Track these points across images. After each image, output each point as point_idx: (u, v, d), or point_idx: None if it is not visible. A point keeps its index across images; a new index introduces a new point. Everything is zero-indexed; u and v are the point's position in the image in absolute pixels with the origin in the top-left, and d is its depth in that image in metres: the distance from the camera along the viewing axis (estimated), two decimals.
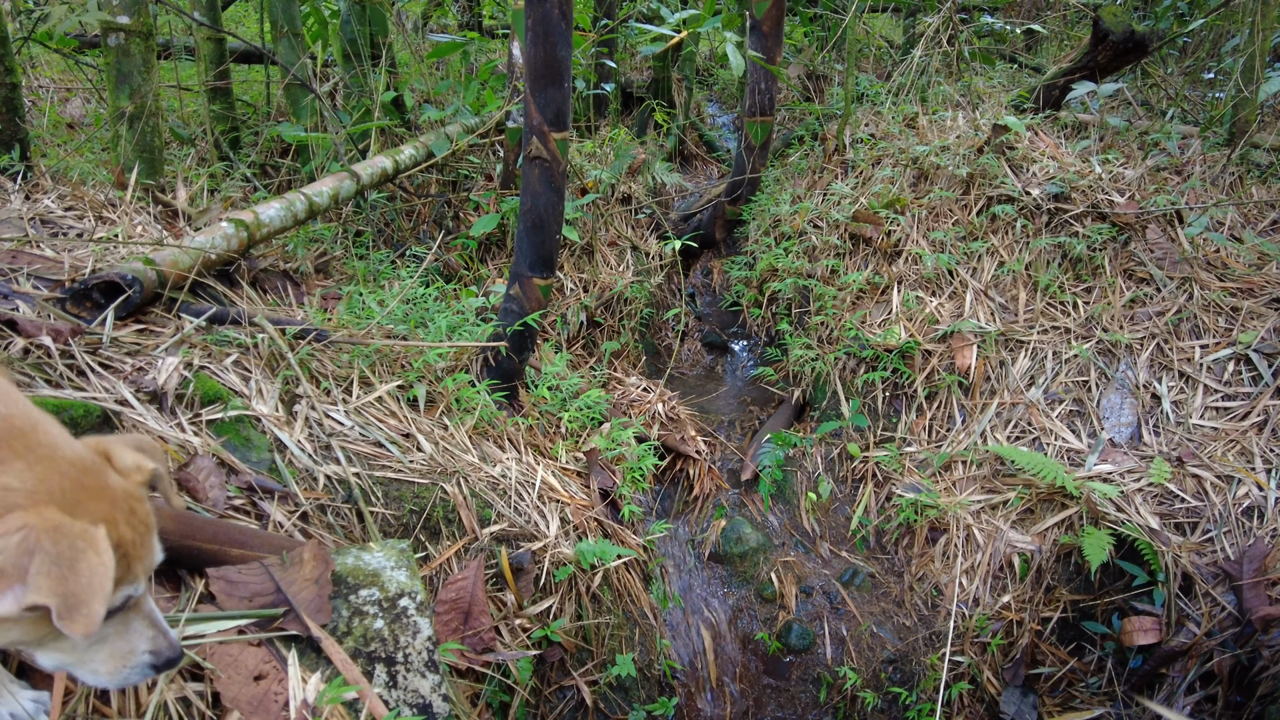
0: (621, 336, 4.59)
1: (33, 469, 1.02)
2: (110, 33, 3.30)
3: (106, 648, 1.10)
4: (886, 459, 3.58)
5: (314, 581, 1.72)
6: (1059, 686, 2.91)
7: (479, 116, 4.74)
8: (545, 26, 2.74)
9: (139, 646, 1.13)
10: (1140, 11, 6.03)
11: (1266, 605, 2.51)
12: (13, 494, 0.98)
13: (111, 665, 1.11)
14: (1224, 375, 3.31)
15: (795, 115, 6.95)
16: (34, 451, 1.03)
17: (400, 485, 2.42)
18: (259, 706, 1.49)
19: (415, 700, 1.64)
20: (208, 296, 2.87)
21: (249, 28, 7.62)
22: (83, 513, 1.03)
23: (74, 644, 1.06)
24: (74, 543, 0.97)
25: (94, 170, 3.55)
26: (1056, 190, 3.99)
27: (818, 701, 3.07)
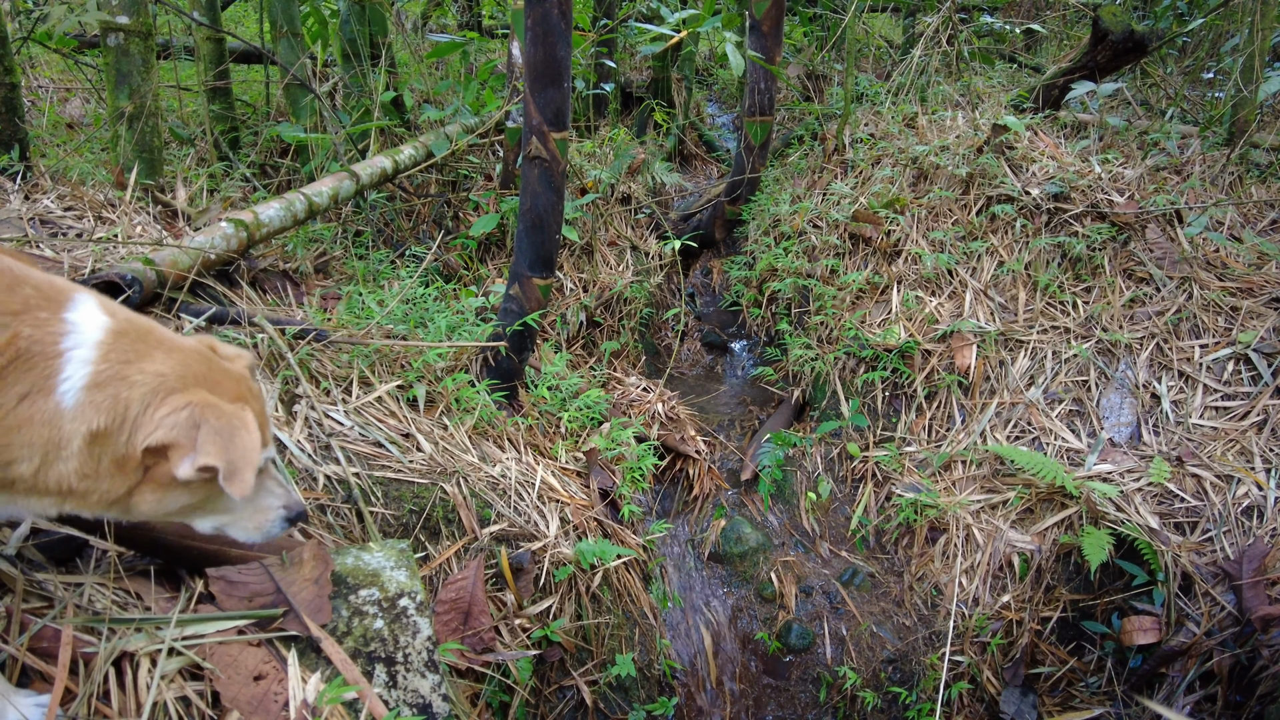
0: (621, 336, 4.59)
1: (170, 358, 1.15)
2: (109, 33, 3.30)
3: (251, 506, 1.29)
4: (886, 459, 3.58)
5: (314, 581, 1.72)
6: (1059, 686, 2.91)
7: (478, 116, 4.74)
8: (545, 26, 2.74)
9: (274, 504, 1.32)
10: (1140, 11, 6.03)
11: (1266, 605, 2.52)
12: (167, 379, 1.13)
13: (256, 521, 1.30)
14: (1223, 375, 3.31)
15: (795, 115, 6.95)
16: (163, 345, 1.17)
17: (400, 485, 2.42)
18: (259, 706, 1.49)
19: (415, 700, 1.64)
20: (207, 296, 2.87)
21: (248, 27, 7.61)
22: (221, 392, 1.18)
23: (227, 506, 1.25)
24: (230, 420, 1.13)
25: (93, 170, 3.55)
26: (1056, 190, 3.99)
27: (817, 701, 3.07)
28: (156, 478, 1.13)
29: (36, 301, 1.07)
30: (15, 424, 1.02)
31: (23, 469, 1.05)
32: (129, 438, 1.09)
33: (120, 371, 1.09)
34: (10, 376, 1.02)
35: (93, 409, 1.06)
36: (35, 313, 1.05)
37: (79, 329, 1.08)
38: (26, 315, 1.04)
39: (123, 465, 1.10)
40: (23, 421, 1.02)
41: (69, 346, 1.06)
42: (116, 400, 1.08)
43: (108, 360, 1.09)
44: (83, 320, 1.09)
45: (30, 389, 1.03)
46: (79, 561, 1.67)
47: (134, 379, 1.10)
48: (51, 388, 1.04)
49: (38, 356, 1.04)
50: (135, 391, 1.10)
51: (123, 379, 1.09)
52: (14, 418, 1.02)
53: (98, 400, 1.07)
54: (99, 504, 1.13)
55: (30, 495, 1.09)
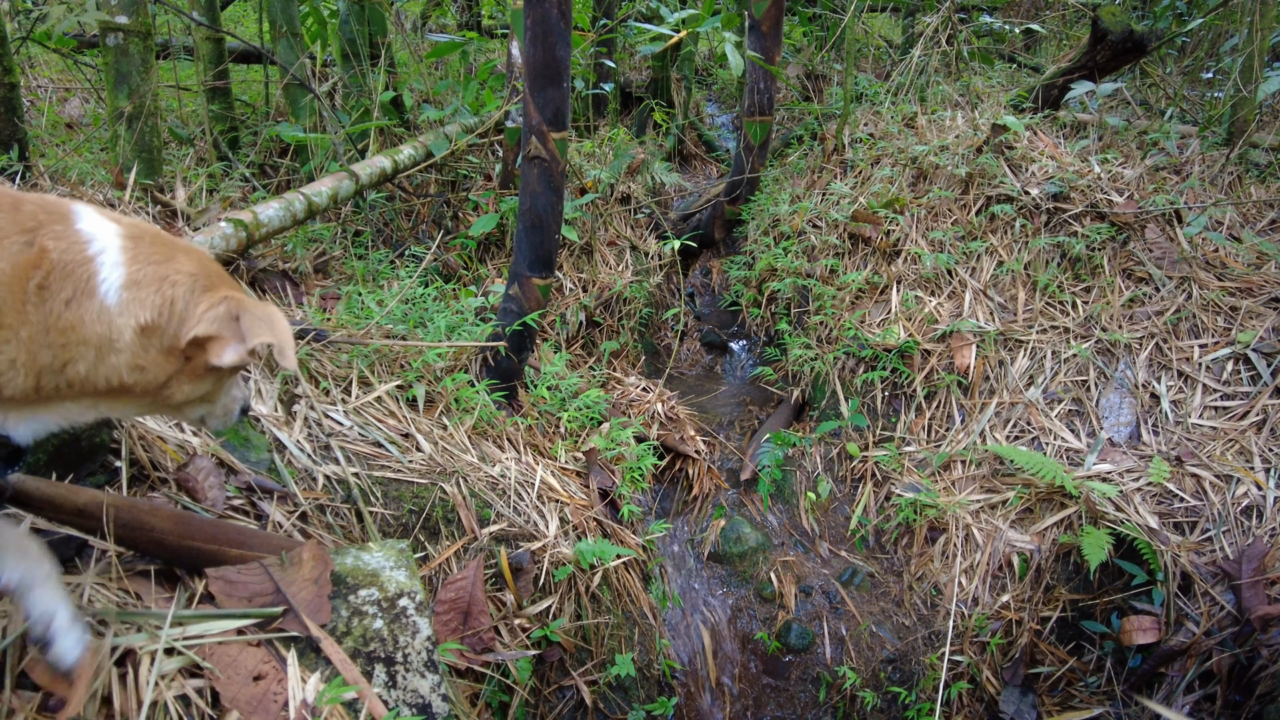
0: (620, 336, 4.59)
1: (190, 259, 1.27)
2: (109, 32, 3.29)
3: (228, 397, 1.43)
4: (886, 458, 3.58)
5: (313, 581, 1.72)
6: (1058, 686, 2.91)
7: (478, 116, 4.74)
8: (544, 26, 2.74)
9: (239, 395, 1.47)
10: (1139, 11, 6.03)
11: (1265, 604, 2.52)
12: (199, 279, 1.25)
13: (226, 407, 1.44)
14: (1223, 374, 3.31)
15: (794, 115, 6.96)
16: (178, 246, 1.28)
17: (399, 485, 2.42)
18: (258, 706, 1.49)
19: (414, 700, 1.64)
20: None
21: (248, 27, 7.61)
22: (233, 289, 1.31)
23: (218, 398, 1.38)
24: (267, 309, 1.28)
25: (93, 170, 3.54)
26: (1055, 190, 3.99)
27: (817, 701, 3.07)
28: (194, 368, 1.26)
29: (45, 218, 1.13)
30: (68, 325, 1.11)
31: (80, 368, 1.13)
32: (176, 329, 1.20)
33: (157, 271, 1.20)
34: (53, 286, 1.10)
35: (138, 305, 1.16)
36: (51, 226, 1.12)
37: (97, 236, 1.16)
38: (44, 230, 1.11)
39: (169, 354, 1.21)
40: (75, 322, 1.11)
41: (96, 252, 1.14)
42: (163, 297, 1.19)
43: (137, 261, 1.18)
44: (95, 229, 1.17)
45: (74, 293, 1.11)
46: (78, 561, 1.67)
47: (173, 278, 1.21)
48: (93, 289, 1.13)
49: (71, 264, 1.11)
50: (178, 290, 1.21)
51: (163, 278, 1.20)
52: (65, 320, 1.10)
53: (141, 297, 1.17)
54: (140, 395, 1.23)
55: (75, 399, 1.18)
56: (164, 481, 1.98)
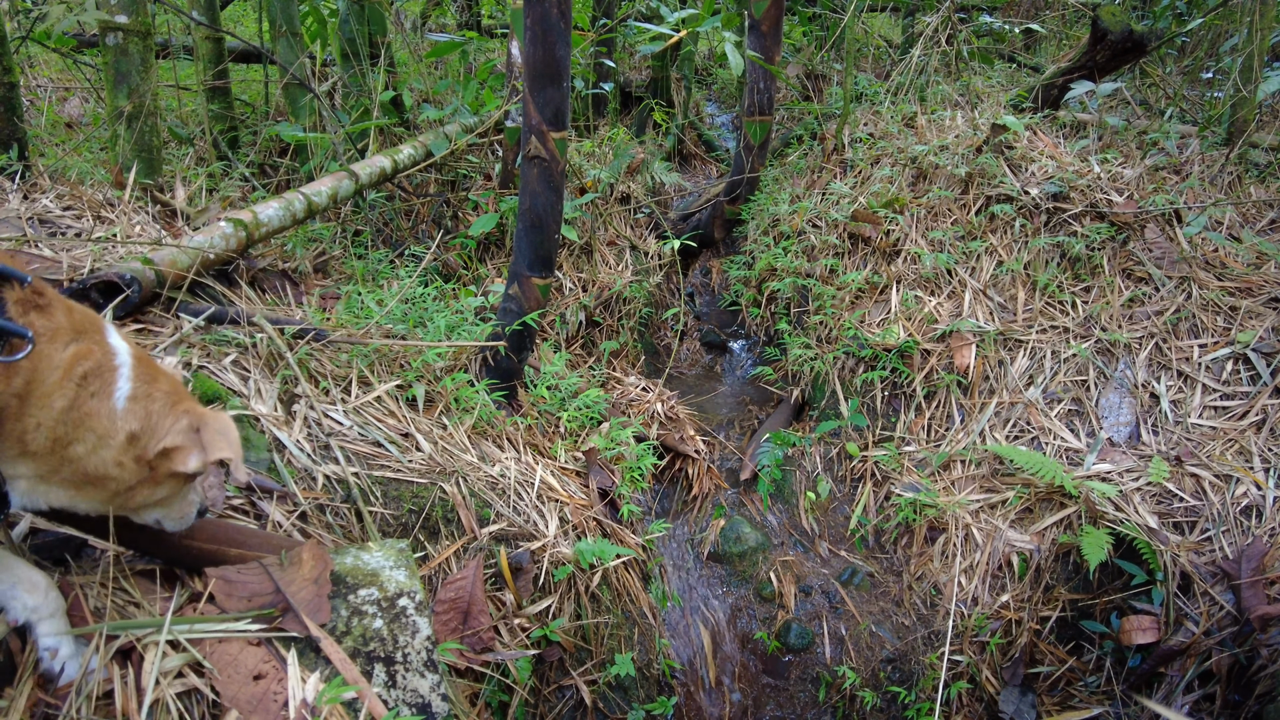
0: (620, 336, 4.59)
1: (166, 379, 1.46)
2: (108, 32, 3.29)
3: (185, 502, 1.56)
4: (885, 458, 3.58)
5: (313, 581, 1.72)
6: (1058, 685, 2.91)
7: (478, 116, 4.74)
8: (544, 26, 2.74)
9: (195, 500, 1.61)
10: (1139, 11, 6.03)
11: (1265, 604, 2.52)
12: (171, 396, 1.44)
13: (183, 512, 1.57)
14: (1222, 374, 3.31)
15: (794, 115, 6.95)
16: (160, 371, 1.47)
17: (399, 485, 2.42)
18: (258, 706, 1.49)
19: (414, 700, 1.64)
20: (206, 296, 2.87)
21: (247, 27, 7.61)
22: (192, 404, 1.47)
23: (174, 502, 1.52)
24: (224, 422, 1.46)
25: (92, 170, 3.54)
26: (1055, 190, 3.99)
27: (817, 701, 3.07)
28: (157, 475, 1.41)
29: (87, 325, 1.36)
30: (89, 412, 1.32)
31: (79, 449, 1.32)
32: (149, 440, 1.39)
33: (147, 390, 1.41)
34: (91, 378, 1.33)
35: (132, 415, 1.37)
36: (93, 334, 1.36)
37: (119, 352, 1.39)
38: (89, 334, 1.35)
39: (140, 461, 1.39)
40: (92, 413, 1.33)
41: (119, 364, 1.38)
42: (147, 412, 1.39)
43: (138, 379, 1.40)
44: (118, 345, 1.40)
45: (99, 390, 1.34)
46: (78, 561, 1.67)
47: (155, 395, 1.41)
48: (111, 393, 1.35)
49: (105, 368, 1.35)
50: (156, 405, 1.41)
51: (149, 395, 1.41)
52: (87, 408, 1.32)
53: (135, 410, 1.38)
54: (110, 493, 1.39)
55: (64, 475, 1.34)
56: None
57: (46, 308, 1.32)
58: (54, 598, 1.47)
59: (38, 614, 1.44)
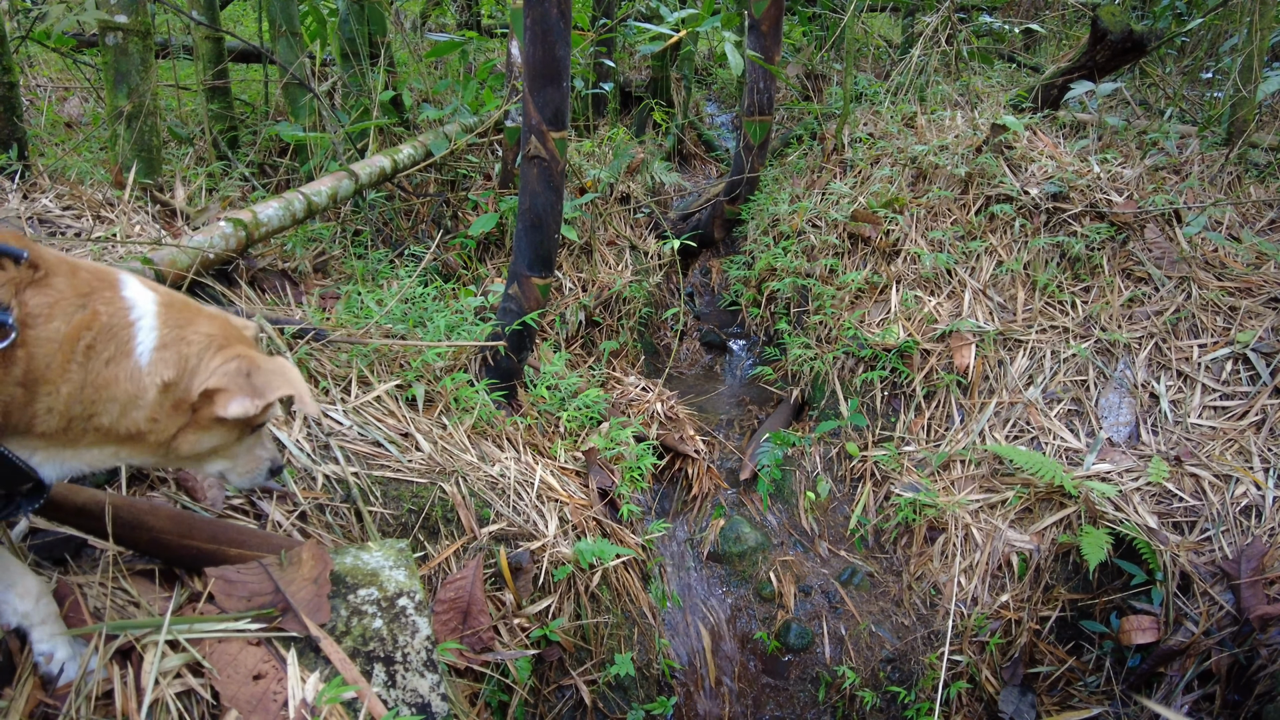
0: (620, 336, 4.59)
1: (212, 323, 1.39)
2: (108, 32, 3.29)
3: (251, 455, 1.50)
4: (885, 458, 3.58)
5: (312, 581, 1.72)
6: (1057, 685, 2.91)
7: (477, 116, 4.74)
8: (544, 26, 2.74)
9: (265, 455, 1.53)
10: (1138, 11, 6.03)
11: (1264, 604, 2.52)
12: (215, 338, 1.36)
13: (250, 467, 1.51)
14: (1222, 374, 3.31)
15: (794, 114, 6.95)
16: (203, 312, 1.41)
17: (399, 485, 2.42)
18: (257, 706, 1.49)
19: (414, 700, 1.64)
20: (206, 295, 2.87)
21: (247, 27, 7.61)
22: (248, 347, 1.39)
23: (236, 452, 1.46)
24: (280, 363, 1.39)
25: (92, 169, 3.54)
26: (1055, 190, 4.00)
27: (816, 701, 3.07)
28: (200, 420, 1.35)
29: (96, 285, 1.28)
30: (105, 382, 1.25)
31: (104, 419, 1.27)
32: (188, 382, 1.32)
33: (179, 334, 1.33)
34: (99, 346, 1.25)
35: (163, 364, 1.30)
36: (100, 293, 1.28)
37: (138, 303, 1.31)
38: (95, 296, 1.27)
39: (179, 407, 1.33)
40: (110, 380, 1.26)
41: (136, 317, 1.30)
42: (180, 356, 1.32)
43: (167, 325, 1.32)
44: (137, 296, 1.32)
45: (115, 353, 1.27)
46: (77, 561, 1.67)
47: (190, 338, 1.34)
48: (130, 351, 1.28)
49: (116, 328, 1.27)
50: (193, 348, 1.34)
51: (182, 339, 1.33)
52: (103, 377, 1.25)
53: (166, 357, 1.31)
54: (152, 445, 1.34)
55: (95, 445, 1.30)
56: (163, 480, 1.98)
57: (42, 281, 1.24)
58: (45, 604, 1.44)
59: (29, 620, 1.42)
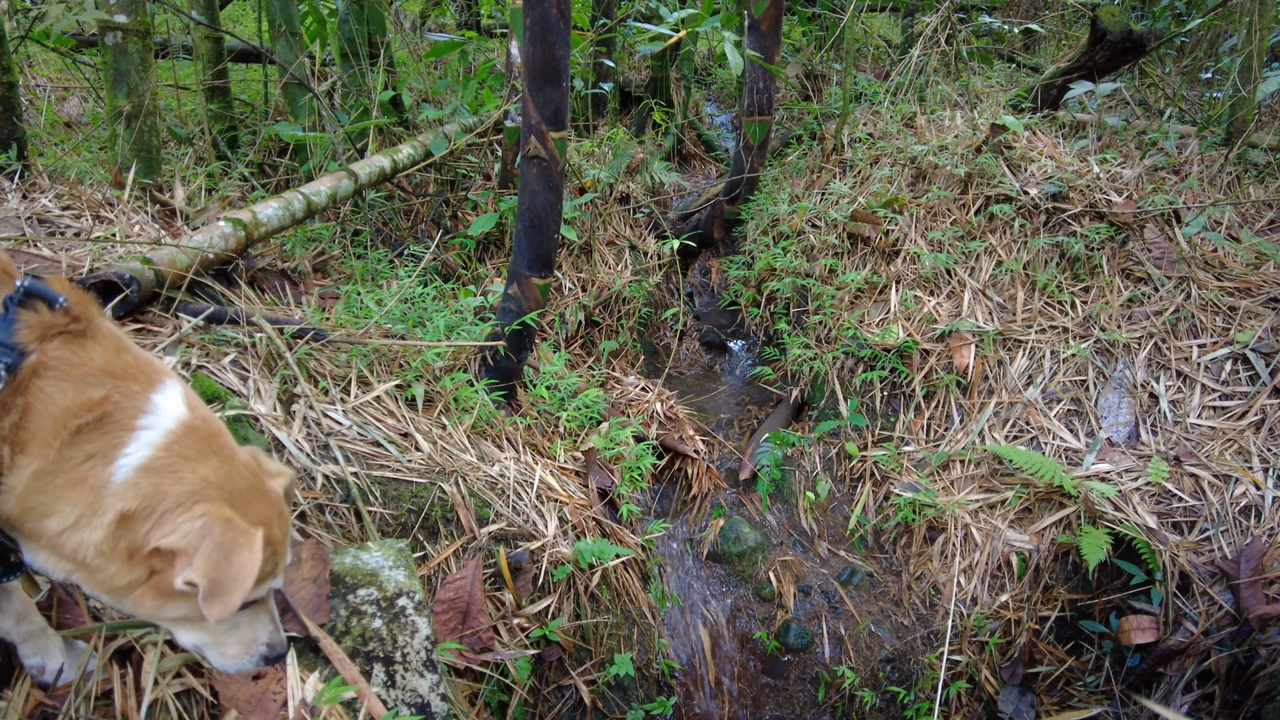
0: (620, 336, 4.59)
1: (222, 466, 1.17)
2: (108, 31, 3.29)
3: (237, 634, 1.25)
4: (884, 458, 3.58)
5: (312, 581, 1.72)
6: (1057, 685, 2.91)
7: (477, 116, 4.74)
8: (543, 26, 2.74)
9: (260, 638, 1.27)
10: (1138, 11, 6.03)
11: (1263, 604, 2.52)
12: (209, 486, 1.14)
13: (237, 650, 1.25)
14: (1221, 374, 3.31)
15: (793, 114, 6.95)
16: (221, 453, 1.19)
17: (398, 485, 2.42)
18: (257, 705, 1.49)
19: (413, 700, 1.64)
20: (206, 296, 2.87)
21: (247, 27, 7.60)
22: (251, 511, 1.17)
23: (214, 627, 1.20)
24: (236, 536, 1.10)
25: (91, 169, 3.54)
26: (1054, 190, 4.00)
27: (816, 701, 3.07)
28: (158, 584, 1.11)
29: (133, 372, 1.13)
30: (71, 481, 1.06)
31: (52, 524, 1.06)
32: (148, 530, 1.09)
33: (174, 465, 1.11)
34: (88, 434, 1.06)
35: (133, 490, 1.08)
36: (130, 382, 1.11)
37: (158, 411, 1.12)
38: (122, 382, 1.10)
39: (132, 556, 1.09)
40: (78, 480, 1.06)
41: (143, 425, 1.10)
42: (156, 490, 1.09)
43: (169, 450, 1.11)
44: (165, 404, 1.14)
45: (96, 452, 1.07)
46: None
47: (183, 475, 1.12)
48: (113, 458, 1.08)
49: (114, 424, 1.08)
50: (177, 487, 1.11)
51: (173, 471, 1.11)
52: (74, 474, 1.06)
53: (140, 483, 1.08)
54: (102, 586, 1.12)
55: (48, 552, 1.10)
56: None
57: (78, 337, 1.09)
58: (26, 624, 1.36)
59: (11, 637, 1.35)
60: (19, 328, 1.04)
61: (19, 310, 1.06)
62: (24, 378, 1.04)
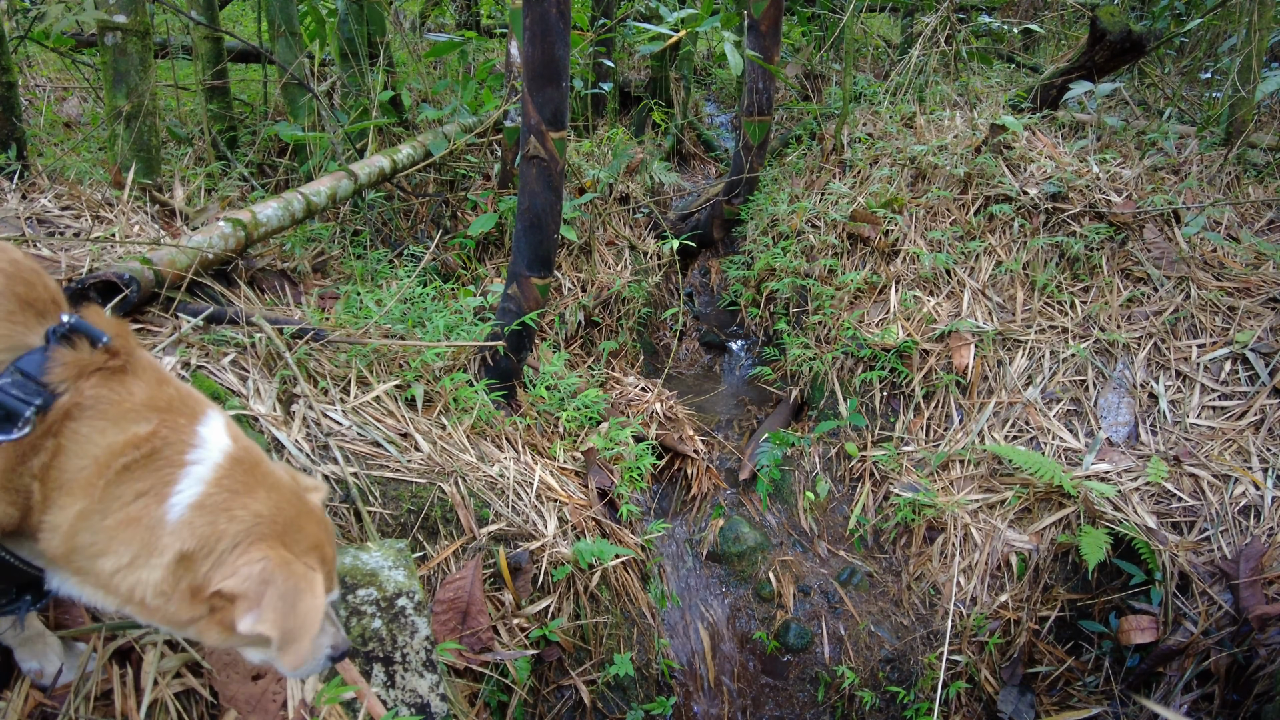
0: (619, 336, 4.59)
1: (270, 497, 1.15)
2: (107, 31, 3.29)
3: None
4: (884, 458, 3.58)
5: None
6: (1056, 685, 2.92)
7: (477, 116, 4.74)
8: (543, 26, 2.74)
9: (324, 642, 1.28)
10: (1137, 11, 6.04)
11: (1263, 604, 2.52)
12: (261, 522, 1.11)
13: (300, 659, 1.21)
14: (1221, 374, 3.31)
15: (793, 115, 6.96)
16: (267, 482, 1.17)
17: (398, 485, 2.42)
18: (257, 706, 1.49)
19: (413, 700, 1.64)
20: (205, 296, 2.87)
21: (246, 27, 7.60)
22: (303, 537, 1.17)
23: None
24: (298, 583, 1.09)
25: (91, 169, 3.54)
26: (1054, 190, 4.00)
27: (815, 701, 3.07)
28: (222, 620, 1.10)
29: (177, 405, 1.11)
30: (123, 521, 1.03)
31: (106, 564, 1.04)
32: (209, 571, 1.07)
33: (226, 501, 1.10)
34: (136, 472, 1.04)
35: (189, 530, 1.06)
36: (176, 416, 1.10)
37: (206, 444, 1.11)
38: (169, 416, 1.09)
39: (195, 595, 1.08)
40: (130, 519, 1.04)
41: (193, 460, 1.09)
42: (213, 529, 1.08)
43: (219, 485, 1.10)
44: (210, 437, 1.12)
45: (148, 489, 1.05)
46: None
47: (236, 512, 1.10)
48: (165, 495, 1.06)
49: (164, 460, 1.06)
50: (233, 526, 1.09)
51: (226, 509, 1.09)
52: (125, 514, 1.03)
53: (197, 522, 1.07)
54: (161, 621, 1.11)
55: (100, 590, 1.09)
56: None
57: (116, 373, 1.07)
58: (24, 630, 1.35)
59: (8, 641, 1.35)
60: (52, 366, 1.03)
61: (57, 348, 1.04)
62: (55, 420, 1.01)
